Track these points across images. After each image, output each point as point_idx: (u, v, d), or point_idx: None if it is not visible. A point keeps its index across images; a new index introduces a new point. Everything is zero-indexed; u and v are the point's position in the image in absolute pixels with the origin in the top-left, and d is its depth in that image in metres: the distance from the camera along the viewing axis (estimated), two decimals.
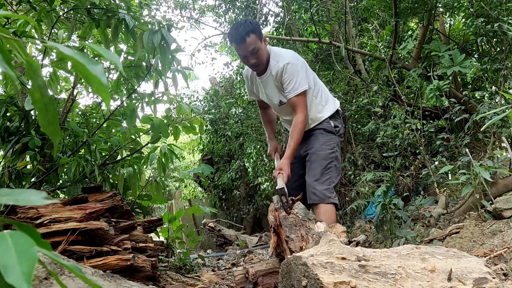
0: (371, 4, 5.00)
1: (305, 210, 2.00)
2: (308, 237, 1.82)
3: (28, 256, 0.41)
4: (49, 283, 1.16)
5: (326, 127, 2.63)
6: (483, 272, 1.11)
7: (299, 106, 2.46)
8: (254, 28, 2.40)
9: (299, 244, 1.83)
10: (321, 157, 2.52)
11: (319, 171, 2.49)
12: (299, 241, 1.84)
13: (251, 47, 2.38)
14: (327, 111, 2.64)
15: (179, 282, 2.26)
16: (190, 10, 9.09)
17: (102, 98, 0.59)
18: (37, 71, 0.57)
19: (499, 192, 2.93)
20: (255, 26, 2.43)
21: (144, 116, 2.77)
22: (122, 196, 2.29)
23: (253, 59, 2.42)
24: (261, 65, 2.49)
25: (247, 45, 2.38)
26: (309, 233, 1.84)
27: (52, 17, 2.40)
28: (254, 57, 2.42)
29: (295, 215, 1.96)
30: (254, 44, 2.38)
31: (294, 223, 1.93)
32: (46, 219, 1.80)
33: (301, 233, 1.86)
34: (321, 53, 6.37)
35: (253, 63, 2.45)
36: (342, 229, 1.92)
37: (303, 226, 1.89)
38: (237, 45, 2.40)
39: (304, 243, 1.82)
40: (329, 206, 2.42)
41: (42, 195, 0.48)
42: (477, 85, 5.34)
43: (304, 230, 1.87)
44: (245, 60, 2.48)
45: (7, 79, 2.59)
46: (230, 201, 7.75)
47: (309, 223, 1.90)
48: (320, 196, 2.41)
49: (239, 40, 2.38)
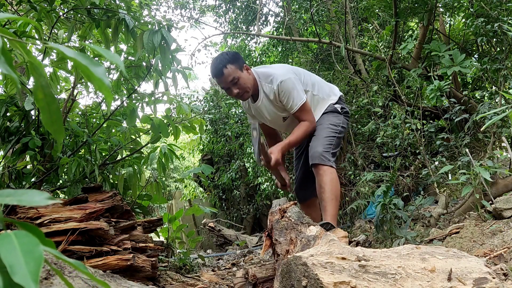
0: (371, 4, 5.00)
1: (298, 213, 1.99)
2: (297, 240, 1.82)
3: (34, 255, 0.42)
4: (49, 283, 1.16)
5: (332, 109, 2.69)
6: (483, 272, 1.11)
7: (304, 116, 2.56)
8: (230, 59, 2.46)
9: (285, 248, 1.83)
10: (327, 128, 2.59)
11: (322, 137, 2.55)
12: (286, 245, 1.84)
13: (230, 78, 2.44)
14: (331, 100, 2.71)
15: (179, 282, 2.26)
16: (190, 10, 9.09)
17: (105, 97, 0.60)
18: (40, 71, 0.57)
19: (499, 192, 2.93)
20: (231, 57, 2.48)
21: (144, 116, 2.77)
22: (122, 196, 2.29)
23: (235, 89, 2.48)
24: (245, 93, 2.53)
25: (226, 77, 2.44)
26: (298, 237, 1.83)
27: (52, 17, 2.40)
28: (235, 87, 2.47)
29: (288, 218, 1.97)
30: (233, 74, 2.44)
31: (285, 227, 1.94)
32: (46, 219, 1.80)
33: (291, 236, 1.86)
34: (321, 53, 6.37)
35: (236, 93, 2.50)
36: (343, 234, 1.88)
37: (294, 229, 1.89)
38: (217, 78, 2.48)
39: (291, 247, 1.82)
40: (331, 168, 2.48)
41: (45, 195, 0.48)
42: (477, 85, 5.34)
43: (294, 233, 1.87)
44: (229, 92, 2.53)
45: (7, 79, 2.59)
46: (230, 201, 7.74)
47: (301, 226, 1.90)
48: (321, 157, 2.46)
49: (217, 73, 2.45)
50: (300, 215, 1.98)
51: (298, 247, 1.75)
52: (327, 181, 2.43)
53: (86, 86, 2.89)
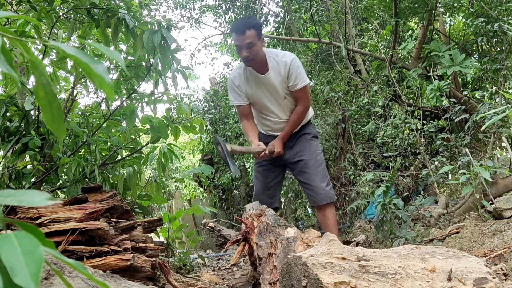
0: (371, 4, 5.01)
1: (275, 216, 2.04)
2: (277, 242, 1.84)
3: (35, 256, 0.41)
4: (49, 283, 1.16)
5: (313, 132, 2.90)
6: (483, 272, 1.11)
7: (305, 96, 2.73)
8: (256, 25, 2.58)
9: (267, 250, 1.84)
10: (319, 161, 2.78)
11: (322, 174, 2.76)
12: (267, 247, 1.86)
13: (248, 40, 2.52)
14: (310, 114, 2.90)
15: (179, 282, 2.26)
16: (190, 10, 9.09)
17: (106, 94, 0.60)
18: (40, 69, 0.57)
19: (499, 192, 2.93)
20: (257, 24, 2.61)
21: (144, 116, 2.77)
22: (122, 196, 2.29)
23: (247, 52, 2.55)
24: (252, 60, 2.61)
25: (245, 37, 2.52)
26: (278, 239, 1.85)
27: (52, 17, 2.39)
28: (247, 51, 2.55)
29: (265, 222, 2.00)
30: (252, 39, 2.52)
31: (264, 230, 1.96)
32: (46, 219, 1.80)
33: (270, 239, 1.88)
34: (321, 53, 6.37)
35: (245, 56, 2.57)
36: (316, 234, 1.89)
37: (273, 232, 1.93)
38: (236, 35, 2.55)
39: (273, 249, 1.83)
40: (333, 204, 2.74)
41: (45, 196, 0.48)
42: (477, 85, 5.34)
43: (273, 236, 1.90)
44: (239, 51, 2.60)
45: (7, 79, 2.59)
46: (230, 201, 7.74)
47: (279, 229, 1.93)
48: (329, 195, 2.69)
49: (239, 30, 2.53)
50: (276, 217, 2.03)
51: (280, 249, 1.76)
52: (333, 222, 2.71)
53: (85, 86, 2.89)
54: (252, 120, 2.90)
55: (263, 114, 2.86)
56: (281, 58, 2.65)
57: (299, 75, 2.65)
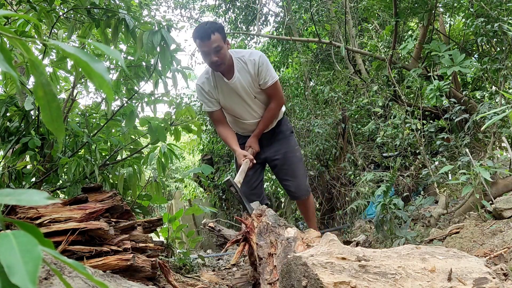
0: (371, 4, 5.01)
1: (275, 216, 2.04)
2: (277, 243, 1.84)
3: (33, 255, 0.41)
4: (49, 283, 1.16)
5: (289, 128, 2.98)
6: (483, 272, 1.11)
7: (277, 92, 2.74)
8: (219, 28, 2.53)
9: (267, 250, 1.84)
10: (299, 158, 2.90)
11: (303, 170, 2.91)
12: (267, 247, 1.86)
13: (215, 45, 2.48)
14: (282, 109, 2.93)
15: (179, 282, 2.26)
16: (190, 10, 9.09)
17: (105, 93, 0.60)
18: (40, 69, 0.57)
19: (499, 192, 2.93)
20: (220, 27, 2.56)
21: (142, 118, 2.76)
22: (122, 196, 2.29)
23: (215, 57, 2.51)
24: (222, 64, 2.57)
25: (211, 42, 2.47)
26: (278, 239, 1.85)
27: (52, 17, 2.39)
28: (216, 55, 2.51)
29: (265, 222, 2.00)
30: (218, 42, 2.49)
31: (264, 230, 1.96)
32: (46, 219, 1.80)
33: (271, 239, 1.88)
34: (321, 53, 6.37)
35: (215, 60, 2.52)
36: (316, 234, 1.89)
37: (273, 232, 1.93)
38: (201, 41, 2.49)
39: (273, 249, 1.83)
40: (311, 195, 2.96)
41: (44, 195, 0.48)
42: (477, 85, 5.34)
43: (273, 236, 1.90)
44: (207, 57, 2.55)
45: (7, 79, 2.59)
46: (230, 201, 7.74)
47: (279, 229, 1.93)
48: (308, 189, 2.92)
49: (204, 36, 2.47)
50: (276, 217, 2.02)
51: (280, 249, 1.77)
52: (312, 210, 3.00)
53: (85, 86, 2.89)
54: (227, 124, 2.88)
55: (236, 117, 2.85)
56: (248, 57, 2.64)
57: (269, 71, 2.65)
